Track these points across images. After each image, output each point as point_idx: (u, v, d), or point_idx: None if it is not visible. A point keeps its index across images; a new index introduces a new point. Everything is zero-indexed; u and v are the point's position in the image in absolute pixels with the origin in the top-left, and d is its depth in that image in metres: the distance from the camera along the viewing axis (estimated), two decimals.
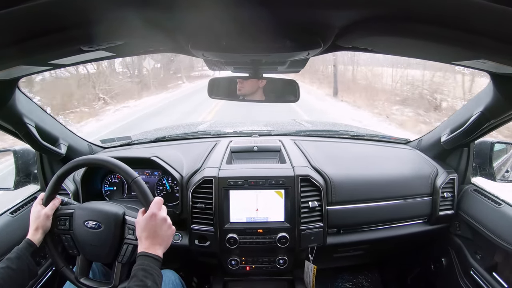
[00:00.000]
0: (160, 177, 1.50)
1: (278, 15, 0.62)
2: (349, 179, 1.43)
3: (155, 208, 0.93)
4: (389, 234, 1.46)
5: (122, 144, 1.80)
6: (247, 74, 1.13)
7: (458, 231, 1.47)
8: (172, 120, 8.69)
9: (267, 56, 0.93)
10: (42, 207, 1.03)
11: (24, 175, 1.43)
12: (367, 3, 0.56)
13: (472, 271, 1.34)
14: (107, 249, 1.01)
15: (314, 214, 1.35)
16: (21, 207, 1.32)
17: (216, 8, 0.56)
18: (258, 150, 1.61)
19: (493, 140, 1.41)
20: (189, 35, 0.76)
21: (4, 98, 1.04)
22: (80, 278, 1.04)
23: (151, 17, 0.61)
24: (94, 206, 1.06)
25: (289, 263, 1.42)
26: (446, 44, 0.64)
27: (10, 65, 0.75)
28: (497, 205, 1.26)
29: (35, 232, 0.99)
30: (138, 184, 0.99)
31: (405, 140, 1.82)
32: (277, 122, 2.53)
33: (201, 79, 24.37)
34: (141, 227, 0.92)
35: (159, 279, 0.85)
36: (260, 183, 1.33)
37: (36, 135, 1.21)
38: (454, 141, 1.39)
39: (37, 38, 0.60)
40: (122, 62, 17.10)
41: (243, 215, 1.34)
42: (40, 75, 9.24)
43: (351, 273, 2.01)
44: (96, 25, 0.60)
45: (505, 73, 0.90)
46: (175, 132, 1.99)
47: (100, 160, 1.07)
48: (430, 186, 1.46)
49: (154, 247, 0.90)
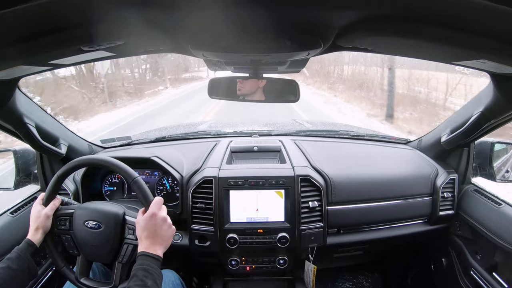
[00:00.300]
0: (160, 177, 1.50)
1: (278, 15, 0.62)
2: (349, 179, 1.43)
3: (155, 208, 0.93)
4: (389, 234, 1.46)
5: (122, 144, 1.80)
6: (247, 74, 1.13)
7: (458, 231, 1.47)
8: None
9: (267, 56, 0.93)
10: (42, 207, 1.03)
11: (24, 175, 1.43)
12: (367, 3, 0.56)
13: (472, 271, 1.34)
14: (107, 249, 1.01)
15: (314, 214, 1.35)
16: (21, 207, 1.32)
17: (217, 8, 0.56)
18: (258, 150, 1.61)
19: (493, 140, 1.41)
20: (189, 35, 0.76)
21: (4, 98, 1.04)
22: (80, 278, 1.04)
23: (151, 17, 0.61)
24: (94, 206, 1.06)
25: (289, 263, 1.43)
26: (446, 44, 0.64)
27: (11, 65, 0.75)
28: (497, 205, 1.26)
29: (35, 232, 0.99)
30: (138, 184, 0.99)
31: (405, 140, 1.82)
32: (277, 122, 2.53)
33: (189, 83, 21.96)
34: (141, 227, 0.92)
35: (159, 278, 0.85)
36: (260, 183, 1.33)
37: (36, 135, 1.21)
38: (454, 141, 1.39)
39: (37, 38, 0.60)
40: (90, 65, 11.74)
41: (243, 215, 1.34)
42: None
43: (351, 273, 2.00)
44: (96, 25, 0.60)
45: (505, 73, 0.90)
46: (175, 132, 1.99)
47: (100, 160, 1.07)
48: (430, 186, 1.46)
49: (154, 247, 0.90)
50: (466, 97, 7.50)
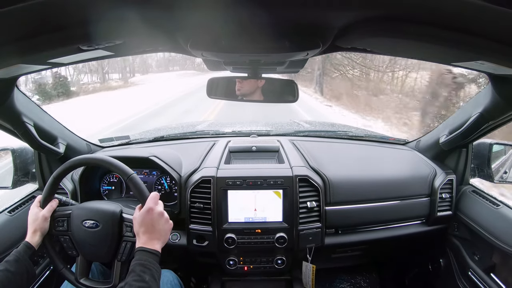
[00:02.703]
0: (158, 177, 1.50)
1: (277, 16, 0.62)
2: (348, 179, 1.43)
3: (152, 203, 0.93)
4: (387, 235, 1.46)
5: (121, 143, 1.80)
6: (246, 74, 1.13)
7: (456, 232, 1.47)
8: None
9: (266, 56, 0.94)
10: (39, 209, 1.03)
11: (22, 174, 1.42)
12: (366, 4, 0.56)
13: (470, 272, 1.34)
14: (106, 248, 1.01)
15: (312, 214, 1.35)
16: (19, 206, 1.32)
17: (216, 8, 0.56)
18: (256, 150, 1.61)
19: (491, 141, 1.41)
20: (188, 34, 0.76)
21: (2, 97, 1.04)
22: (80, 279, 1.03)
23: (150, 17, 0.61)
24: (91, 205, 1.06)
25: (287, 263, 1.42)
26: (444, 45, 0.64)
27: (9, 63, 0.75)
28: (495, 206, 1.26)
29: (33, 234, 0.99)
30: (134, 181, 0.99)
31: (404, 140, 1.83)
32: (276, 122, 2.53)
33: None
34: (138, 222, 0.91)
35: (157, 273, 0.84)
36: (258, 183, 1.33)
37: (34, 134, 1.21)
38: (452, 142, 1.39)
39: (36, 36, 0.60)
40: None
41: (241, 215, 1.34)
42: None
43: (349, 273, 2.01)
44: (95, 24, 0.60)
45: (504, 74, 0.90)
46: (173, 131, 1.99)
47: (94, 159, 1.07)
48: (428, 187, 1.47)
49: (152, 241, 0.89)
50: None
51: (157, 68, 49.03)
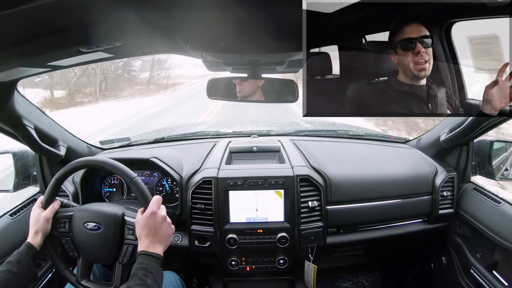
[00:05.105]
0: (159, 178, 1.50)
1: (276, 16, 0.62)
2: (349, 178, 1.43)
3: (154, 207, 0.93)
4: (389, 233, 1.46)
5: (121, 145, 1.80)
6: (246, 74, 1.13)
7: (458, 230, 1.47)
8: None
9: (266, 57, 0.94)
10: (41, 210, 1.03)
11: (23, 177, 1.42)
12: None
13: (472, 270, 1.34)
14: (107, 250, 1.01)
15: (314, 214, 1.35)
16: (20, 209, 1.32)
17: (215, 9, 0.56)
18: (257, 150, 1.61)
19: (492, 139, 1.41)
20: (187, 35, 0.76)
21: (2, 100, 1.04)
22: (81, 281, 1.03)
23: (150, 18, 0.61)
24: (93, 207, 1.06)
25: (289, 263, 1.42)
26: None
27: (9, 67, 0.75)
28: (496, 204, 1.26)
29: (35, 235, 0.99)
30: (136, 184, 0.99)
31: (404, 139, 1.83)
32: (276, 122, 2.52)
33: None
34: (140, 226, 0.91)
35: (159, 277, 0.84)
36: (259, 183, 1.33)
37: (35, 136, 1.21)
38: (453, 140, 1.39)
39: (35, 40, 0.60)
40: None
41: (243, 216, 1.34)
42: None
43: (351, 272, 2.00)
44: (95, 26, 0.60)
45: None
46: (174, 133, 1.99)
47: (97, 161, 1.07)
48: (430, 185, 1.46)
49: (154, 245, 0.89)
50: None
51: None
